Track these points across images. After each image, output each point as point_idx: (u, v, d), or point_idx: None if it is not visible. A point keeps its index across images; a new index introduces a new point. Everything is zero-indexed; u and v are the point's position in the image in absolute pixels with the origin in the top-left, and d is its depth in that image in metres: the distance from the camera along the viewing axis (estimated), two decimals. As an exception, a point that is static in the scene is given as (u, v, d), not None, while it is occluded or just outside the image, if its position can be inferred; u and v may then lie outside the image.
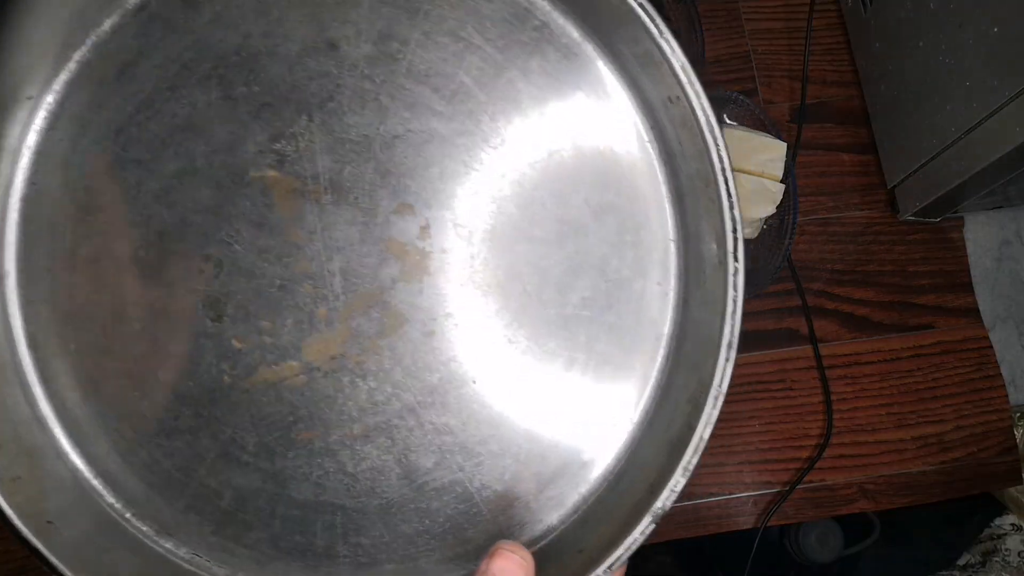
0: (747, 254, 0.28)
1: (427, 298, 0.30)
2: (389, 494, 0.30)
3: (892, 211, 0.69)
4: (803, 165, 0.69)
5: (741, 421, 0.64)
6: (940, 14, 0.56)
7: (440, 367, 0.30)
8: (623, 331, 0.31)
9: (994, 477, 0.65)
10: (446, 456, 0.30)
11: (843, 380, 0.66)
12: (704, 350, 0.29)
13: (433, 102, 0.29)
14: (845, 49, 0.72)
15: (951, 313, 0.68)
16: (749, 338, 0.66)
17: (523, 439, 0.30)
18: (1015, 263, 0.70)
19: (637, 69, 0.29)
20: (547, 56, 0.30)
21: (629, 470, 0.30)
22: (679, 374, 0.31)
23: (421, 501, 0.30)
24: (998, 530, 0.73)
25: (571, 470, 0.30)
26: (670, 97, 0.28)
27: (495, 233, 0.30)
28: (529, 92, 0.30)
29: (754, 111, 0.67)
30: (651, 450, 0.30)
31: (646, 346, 0.31)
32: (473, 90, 0.29)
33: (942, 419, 0.65)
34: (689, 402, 0.29)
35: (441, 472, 0.30)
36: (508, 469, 0.30)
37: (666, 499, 0.28)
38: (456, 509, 0.30)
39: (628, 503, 0.29)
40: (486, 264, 0.30)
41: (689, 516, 0.62)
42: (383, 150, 0.29)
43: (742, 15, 0.72)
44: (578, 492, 0.30)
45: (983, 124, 0.54)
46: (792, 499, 0.63)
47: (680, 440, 0.29)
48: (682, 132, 0.29)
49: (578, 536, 0.30)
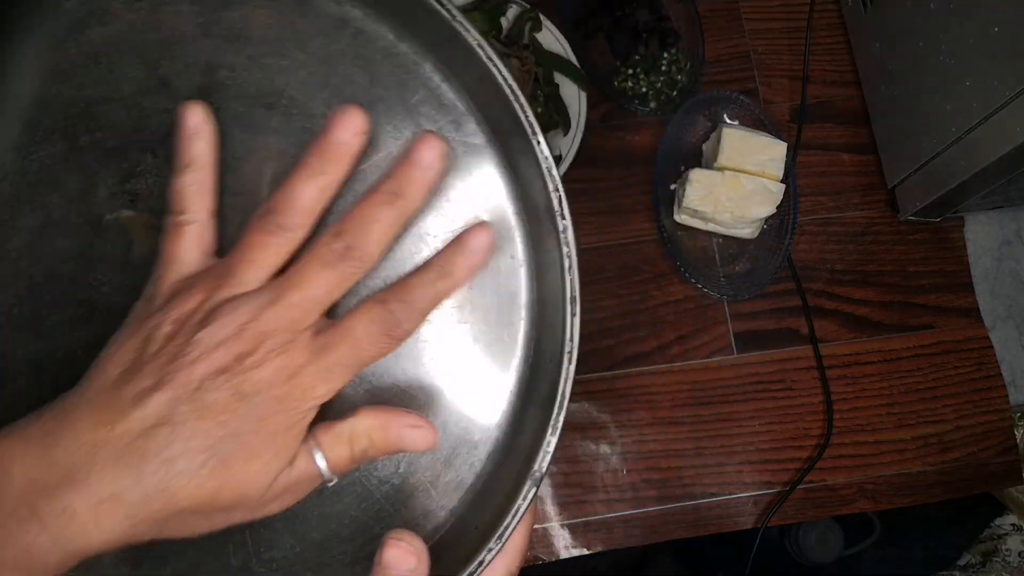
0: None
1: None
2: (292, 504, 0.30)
3: (892, 211, 0.69)
4: (803, 165, 0.70)
5: (741, 421, 0.64)
6: (940, 14, 0.56)
7: None
8: (487, 308, 0.31)
9: (994, 477, 0.65)
10: None
11: (843, 380, 0.66)
12: (557, 311, 0.30)
13: (268, 120, 0.30)
14: (845, 49, 0.72)
15: (951, 313, 0.68)
16: (749, 338, 0.66)
17: None
18: (1015, 263, 0.70)
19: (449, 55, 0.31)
20: (367, 60, 0.31)
21: (513, 440, 0.31)
22: (544, 339, 0.31)
23: (324, 506, 0.30)
24: (998, 530, 0.73)
25: (463, 451, 0.31)
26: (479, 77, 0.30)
27: None
28: (355, 95, 0.31)
29: (754, 111, 0.67)
30: (529, 418, 0.31)
31: (511, 318, 0.32)
32: (303, 102, 0.30)
33: (942, 419, 0.66)
34: (551, 361, 0.30)
35: None
36: (401, 461, 0.30)
37: (541, 461, 0.28)
38: (359, 509, 0.30)
39: (513, 472, 0.30)
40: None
41: (689, 516, 0.63)
42: (228, 173, 0.30)
43: (742, 15, 0.72)
44: (473, 471, 0.31)
45: (983, 124, 0.54)
46: (792, 499, 0.63)
47: (547, 400, 0.29)
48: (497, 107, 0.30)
49: (475, 514, 0.30)
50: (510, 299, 0.32)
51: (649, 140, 0.68)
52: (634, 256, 0.66)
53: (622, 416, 0.63)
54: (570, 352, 0.29)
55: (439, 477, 0.31)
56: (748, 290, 0.65)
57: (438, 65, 0.31)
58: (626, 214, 0.67)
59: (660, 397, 0.64)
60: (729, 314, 0.66)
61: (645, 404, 0.64)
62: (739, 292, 0.65)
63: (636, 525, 0.62)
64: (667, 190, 0.66)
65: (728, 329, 0.66)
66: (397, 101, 0.31)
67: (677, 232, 0.67)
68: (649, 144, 0.68)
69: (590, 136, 0.67)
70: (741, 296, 0.65)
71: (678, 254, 0.65)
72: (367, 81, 0.31)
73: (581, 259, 0.29)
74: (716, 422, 0.64)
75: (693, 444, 0.64)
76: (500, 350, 0.32)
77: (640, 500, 0.62)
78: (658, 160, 0.65)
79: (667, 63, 0.67)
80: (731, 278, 0.66)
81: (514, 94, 0.29)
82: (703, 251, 0.67)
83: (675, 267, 0.65)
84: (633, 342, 0.65)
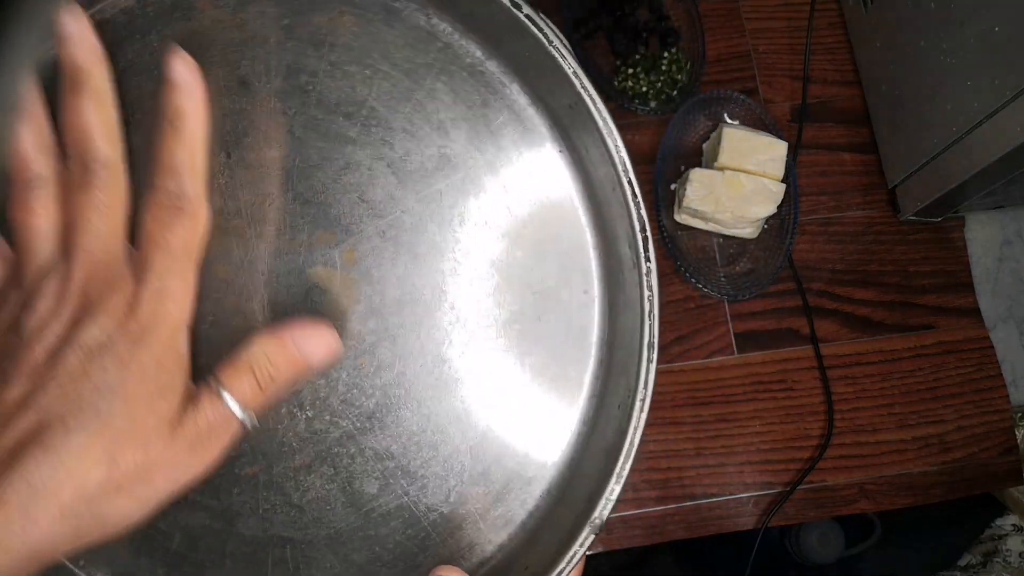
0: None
1: (356, 323, 0.30)
2: (336, 523, 0.29)
3: (893, 211, 0.69)
4: (804, 165, 0.69)
5: (742, 421, 0.64)
6: (941, 13, 0.56)
7: (376, 391, 0.30)
8: (555, 341, 0.31)
9: (995, 477, 0.65)
10: (390, 481, 0.30)
11: (844, 380, 0.65)
12: (630, 354, 0.29)
13: (346, 129, 0.30)
14: (846, 48, 0.72)
15: (952, 313, 0.68)
16: (750, 338, 0.66)
17: (466, 458, 0.30)
18: (1016, 263, 0.70)
19: (537, 79, 0.30)
20: (453, 76, 0.30)
21: (572, 482, 0.30)
22: (612, 381, 0.30)
23: (369, 529, 0.30)
24: (999, 530, 0.73)
25: (516, 486, 0.30)
26: (569, 104, 0.29)
27: (418, 254, 0.30)
28: (437, 111, 0.30)
29: (755, 110, 0.67)
30: (590, 460, 0.30)
31: (579, 355, 0.31)
32: (384, 114, 0.30)
33: (943, 419, 0.65)
34: (620, 408, 0.29)
35: (386, 498, 0.30)
36: (453, 490, 0.30)
37: (603, 508, 0.28)
38: (405, 535, 0.30)
39: (570, 515, 0.29)
40: (413, 285, 0.30)
41: (690, 517, 0.62)
42: (301, 180, 0.29)
43: (743, 14, 0.72)
44: (525, 509, 0.30)
45: (984, 123, 0.54)
46: (793, 499, 0.63)
47: (614, 447, 0.28)
48: (585, 137, 0.29)
49: (526, 552, 0.30)
50: (580, 334, 0.31)
51: (649, 140, 0.68)
52: (634, 256, 0.66)
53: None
54: (643, 400, 0.28)
55: (489, 511, 0.30)
56: (748, 290, 0.65)
57: (524, 88, 0.30)
58: (626, 214, 0.67)
59: (660, 397, 0.64)
60: (729, 314, 0.66)
61: (645, 404, 0.64)
62: (739, 292, 0.65)
63: (636, 525, 0.62)
64: (667, 190, 0.66)
65: (728, 329, 0.66)
66: (480, 121, 0.30)
67: (677, 232, 0.67)
68: (649, 144, 0.68)
69: (590, 136, 0.67)
70: (741, 296, 0.65)
71: (678, 254, 0.65)
72: (451, 98, 0.30)
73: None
74: (716, 422, 0.64)
75: (693, 444, 0.63)
76: (565, 386, 0.31)
77: (640, 500, 0.62)
78: (658, 160, 0.65)
79: (667, 62, 0.67)
80: (731, 278, 0.66)
81: (607, 126, 0.28)
82: (703, 251, 0.67)
83: (675, 267, 0.65)
84: (633, 342, 0.65)
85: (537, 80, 0.30)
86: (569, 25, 0.67)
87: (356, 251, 0.30)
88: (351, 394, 0.30)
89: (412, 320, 0.30)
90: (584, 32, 0.68)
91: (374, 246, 0.30)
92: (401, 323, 0.30)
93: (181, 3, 0.29)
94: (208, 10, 0.29)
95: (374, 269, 0.30)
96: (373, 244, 0.30)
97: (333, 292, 0.30)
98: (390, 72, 0.30)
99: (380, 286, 0.30)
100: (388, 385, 0.30)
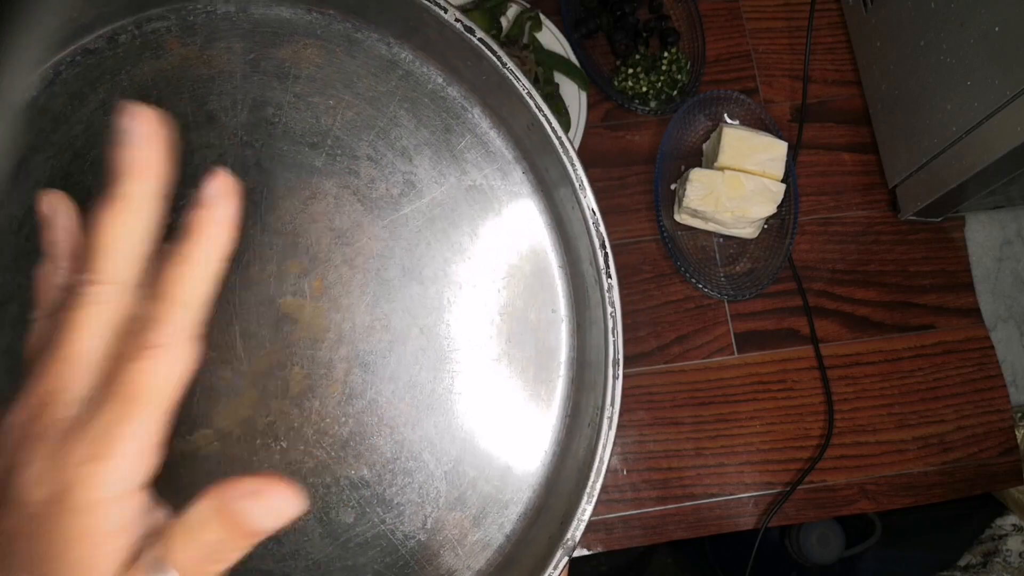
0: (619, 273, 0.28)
1: (327, 352, 0.30)
2: (314, 555, 0.29)
3: (893, 211, 0.69)
4: (804, 164, 0.69)
5: (742, 422, 0.64)
6: (941, 13, 0.56)
7: (349, 420, 0.30)
8: (525, 362, 0.31)
9: (995, 477, 0.65)
10: (366, 510, 0.30)
11: (844, 380, 0.65)
12: (599, 371, 0.29)
13: (312, 159, 0.30)
14: (846, 48, 0.72)
15: (952, 313, 0.68)
16: (750, 338, 0.66)
17: (441, 484, 0.30)
18: (1016, 263, 0.70)
19: (497, 102, 0.30)
20: (415, 103, 0.30)
21: (547, 502, 0.30)
22: (583, 399, 0.30)
23: (347, 559, 0.29)
24: (999, 530, 0.73)
25: (493, 511, 0.30)
26: (528, 124, 0.29)
27: (386, 279, 0.30)
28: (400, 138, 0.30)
29: (755, 110, 0.67)
30: (565, 480, 0.30)
31: (549, 375, 0.31)
32: (348, 143, 0.30)
33: (943, 419, 0.65)
34: (590, 426, 0.29)
35: (363, 527, 0.30)
36: (429, 517, 0.30)
37: (575, 529, 0.27)
38: (383, 563, 0.29)
39: (545, 537, 0.28)
40: (382, 311, 0.30)
41: (690, 517, 0.62)
42: (268, 211, 0.29)
43: (743, 14, 0.72)
44: (502, 533, 0.30)
45: (984, 123, 0.54)
46: (793, 500, 0.63)
47: (585, 465, 0.28)
48: (545, 158, 0.29)
49: None
50: (549, 355, 0.31)
51: (649, 140, 0.68)
52: (634, 256, 0.66)
53: (622, 416, 0.63)
54: (610, 418, 0.28)
55: (467, 536, 0.30)
56: (748, 290, 0.65)
57: (486, 111, 0.31)
58: (626, 214, 0.67)
59: (660, 397, 0.64)
60: (729, 314, 0.66)
61: (645, 404, 0.64)
62: (739, 292, 0.65)
63: (636, 525, 0.62)
64: (667, 190, 0.66)
65: (728, 329, 0.66)
66: (443, 146, 0.31)
67: (677, 232, 0.67)
68: (649, 144, 0.68)
69: (590, 136, 0.67)
70: (741, 296, 0.65)
71: (678, 254, 0.65)
72: (414, 124, 0.30)
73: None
74: (716, 422, 0.64)
75: (693, 444, 0.63)
76: (536, 408, 0.31)
77: (640, 500, 0.62)
78: (658, 160, 0.65)
79: (667, 62, 0.67)
80: (731, 278, 0.66)
81: (562, 145, 0.29)
82: (703, 251, 0.67)
83: (675, 267, 0.65)
84: (633, 342, 0.65)
85: (497, 103, 0.30)
86: (569, 25, 0.67)
87: (325, 280, 0.30)
88: (324, 423, 0.30)
89: (382, 346, 0.30)
90: (584, 32, 0.68)
91: (342, 274, 0.30)
92: (371, 350, 0.30)
93: (150, 43, 0.29)
94: (176, 48, 0.30)
95: (343, 297, 0.30)
96: (341, 272, 0.30)
97: (303, 321, 0.30)
98: (353, 101, 0.30)
99: (350, 313, 0.30)
100: (361, 412, 0.30)
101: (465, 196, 0.31)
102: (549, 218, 0.31)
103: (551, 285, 0.31)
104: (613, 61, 0.69)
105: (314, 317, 0.30)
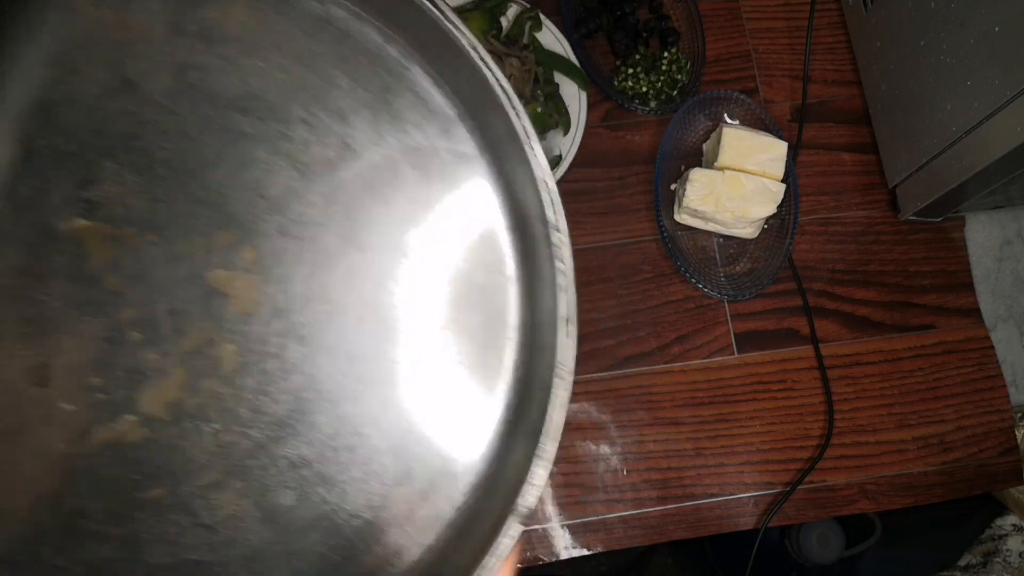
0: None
1: (261, 326, 0.28)
2: (253, 541, 0.27)
3: (893, 211, 0.69)
4: (804, 164, 0.69)
5: (742, 422, 0.64)
6: (941, 13, 0.56)
7: (286, 397, 0.28)
8: (473, 327, 0.29)
9: (995, 477, 0.65)
10: (307, 491, 0.28)
11: (844, 380, 0.65)
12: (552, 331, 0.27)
13: (241, 124, 0.28)
14: (846, 48, 0.72)
15: (952, 313, 0.68)
16: (750, 338, 0.66)
17: (387, 459, 0.28)
18: (1016, 263, 0.70)
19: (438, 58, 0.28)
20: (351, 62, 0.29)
21: (501, 473, 0.28)
22: (535, 361, 0.28)
23: (288, 543, 0.28)
24: (999, 530, 0.73)
25: (443, 484, 0.28)
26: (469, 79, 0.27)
27: (323, 248, 0.29)
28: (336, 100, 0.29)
29: (755, 110, 0.67)
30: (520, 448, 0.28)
31: (499, 339, 0.29)
32: (280, 106, 0.28)
33: (943, 419, 0.65)
34: (542, 389, 0.27)
35: (304, 509, 0.28)
36: (375, 494, 0.28)
37: (527, 494, 0.25)
38: (327, 546, 0.28)
39: (498, 507, 0.27)
40: (319, 282, 0.29)
41: (690, 517, 0.62)
42: (195, 181, 0.28)
43: (743, 14, 0.72)
44: (452, 506, 0.28)
45: (984, 123, 0.54)
46: (793, 500, 0.63)
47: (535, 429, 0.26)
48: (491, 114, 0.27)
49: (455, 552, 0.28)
50: (498, 318, 0.29)
51: (649, 140, 0.68)
52: (634, 256, 0.66)
53: (622, 416, 0.63)
54: (562, 376, 0.26)
55: (415, 511, 0.28)
56: (748, 290, 0.65)
57: (427, 69, 0.29)
58: (626, 214, 0.67)
59: (660, 397, 0.64)
60: (729, 314, 0.66)
61: (645, 404, 0.64)
62: (739, 292, 0.65)
63: (636, 525, 0.62)
64: (667, 190, 0.66)
65: (728, 329, 0.66)
66: (382, 107, 0.29)
67: (677, 232, 0.67)
68: (649, 144, 0.68)
69: (590, 136, 0.67)
70: (741, 296, 0.65)
71: (678, 254, 0.65)
72: (350, 85, 0.29)
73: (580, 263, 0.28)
74: (716, 422, 0.64)
75: (693, 444, 0.63)
76: (486, 374, 0.29)
77: (640, 500, 0.62)
78: (658, 160, 0.65)
79: (667, 62, 0.67)
80: (731, 278, 0.66)
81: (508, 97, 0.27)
82: (703, 251, 0.67)
83: (675, 267, 0.65)
84: (633, 342, 0.65)
85: (438, 60, 0.28)
86: (569, 25, 0.67)
87: (257, 250, 0.28)
88: (259, 401, 0.28)
89: (321, 318, 0.28)
90: (584, 32, 0.68)
91: (275, 244, 0.28)
92: (309, 322, 0.28)
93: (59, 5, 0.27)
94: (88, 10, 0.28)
95: (277, 268, 0.28)
96: (274, 242, 0.28)
97: (234, 295, 0.28)
98: (284, 62, 0.28)
99: (284, 285, 0.28)
100: (299, 389, 0.28)
101: (406, 157, 0.29)
102: (496, 177, 0.30)
103: (500, 246, 0.29)
104: (613, 61, 0.69)
105: (246, 290, 0.28)
